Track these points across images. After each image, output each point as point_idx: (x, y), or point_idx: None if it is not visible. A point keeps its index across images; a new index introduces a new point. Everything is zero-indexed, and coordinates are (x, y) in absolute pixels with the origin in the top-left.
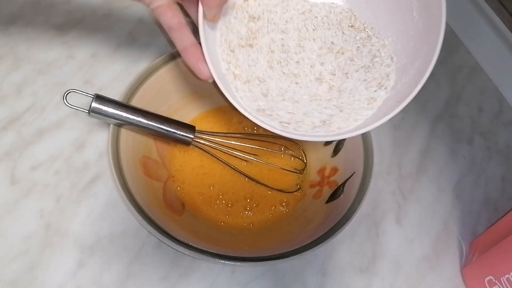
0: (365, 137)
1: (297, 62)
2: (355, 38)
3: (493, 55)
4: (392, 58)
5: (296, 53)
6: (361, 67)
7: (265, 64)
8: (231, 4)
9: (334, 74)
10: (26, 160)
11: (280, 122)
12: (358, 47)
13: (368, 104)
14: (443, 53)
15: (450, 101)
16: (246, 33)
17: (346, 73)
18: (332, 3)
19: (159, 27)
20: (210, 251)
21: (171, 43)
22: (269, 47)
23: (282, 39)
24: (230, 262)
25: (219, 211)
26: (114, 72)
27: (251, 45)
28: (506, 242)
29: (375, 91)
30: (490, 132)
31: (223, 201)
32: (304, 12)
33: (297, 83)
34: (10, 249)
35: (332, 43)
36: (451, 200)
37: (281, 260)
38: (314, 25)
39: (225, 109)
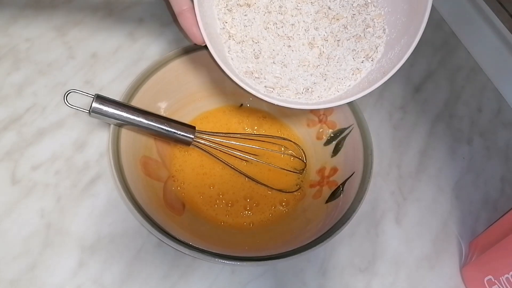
0: (364, 137)
1: (292, 24)
2: (352, 4)
3: (493, 56)
4: (384, 29)
5: (292, 16)
6: (353, 36)
7: (261, 25)
8: None
9: (327, 40)
10: (27, 160)
11: (265, 86)
12: (354, 14)
13: (352, 74)
14: (443, 54)
15: (450, 101)
16: None
17: (338, 40)
18: None
19: (159, 27)
20: (210, 250)
21: (171, 42)
22: (267, 8)
23: (280, 0)
24: (230, 262)
25: (219, 211)
26: (115, 72)
27: (248, 5)
28: (506, 242)
29: (362, 62)
30: (489, 132)
31: (223, 201)
32: None
33: (289, 46)
34: (10, 249)
35: (329, 8)
36: (450, 200)
37: (281, 260)
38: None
39: (225, 109)
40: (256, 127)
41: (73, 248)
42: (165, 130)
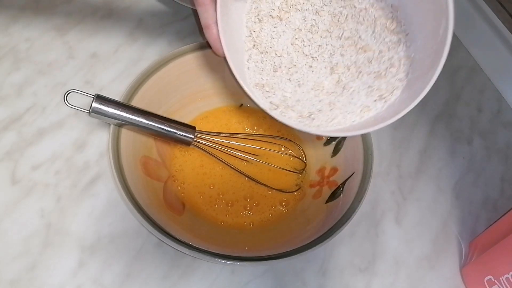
0: (364, 137)
1: (320, 45)
2: (384, 39)
3: (493, 56)
4: (407, 74)
5: (321, 37)
6: (374, 72)
7: (288, 40)
8: None
9: (349, 69)
10: (27, 160)
11: (271, 102)
12: (381, 50)
13: (360, 111)
14: None
15: (450, 101)
16: (280, 5)
17: (359, 72)
18: None
19: (159, 28)
20: (210, 250)
21: (171, 42)
22: (298, 25)
23: (313, 19)
24: (230, 262)
25: (219, 211)
26: (115, 72)
27: (280, 18)
28: (506, 242)
29: (374, 101)
30: (489, 132)
31: (223, 201)
32: (347, 16)
33: (311, 66)
34: (10, 249)
35: (360, 37)
36: (450, 200)
37: (281, 260)
38: (349, 15)
39: (225, 109)
40: (256, 127)
41: (73, 248)
42: (165, 130)
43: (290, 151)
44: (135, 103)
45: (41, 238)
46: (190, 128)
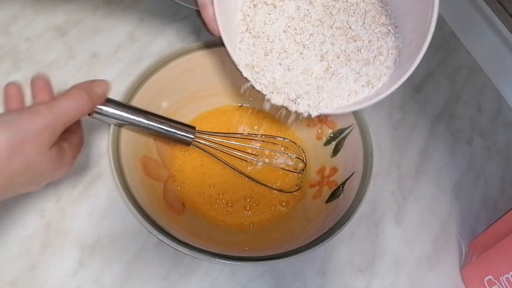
0: (364, 137)
1: (311, 34)
2: (374, 30)
3: (493, 56)
4: (395, 62)
5: (313, 26)
6: (363, 60)
7: (281, 27)
8: None
9: (338, 57)
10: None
11: (260, 83)
12: (371, 40)
13: (348, 95)
14: (443, 54)
15: (450, 101)
16: None
17: (348, 60)
18: None
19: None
20: (210, 250)
21: (171, 42)
22: (292, 13)
23: (307, 9)
24: (230, 262)
25: (219, 211)
26: (115, 72)
27: (275, 6)
28: (506, 242)
29: (362, 86)
30: (489, 132)
31: (223, 201)
32: (339, 9)
33: (301, 53)
34: (10, 248)
35: (350, 27)
36: (450, 200)
37: (281, 260)
38: (341, 8)
39: (225, 109)
40: (256, 127)
41: (73, 248)
42: (165, 130)
43: (290, 151)
44: (135, 103)
45: (41, 238)
46: (190, 128)
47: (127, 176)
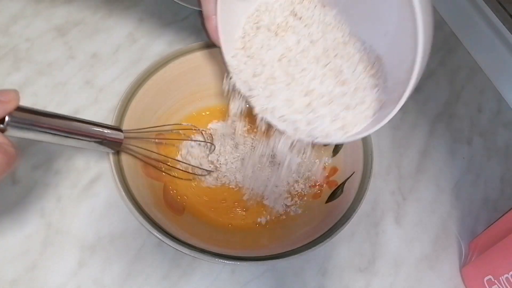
0: (364, 137)
1: (304, 69)
2: (363, 79)
3: (492, 56)
4: (375, 113)
5: (308, 62)
6: (344, 104)
7: (277, 55)
8: None
9: (322, 97)
10: (27, 160)
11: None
12: (357, 88)
13: (320, 133)
14: (443, 54)
15: (450, 101)
16: (280, 23)
17: (331, 101)
18: (370, 46)
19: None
20: (210, 250)
21: (171, 42)
22: (291, 45)
23: (306, 45)
24: (230, 262)
25: (219, 212)
26: (115, 72)
27: (276, 34)
28: (505, 242)
29: (335, 130)
30: (489, 132)
31: (223, 202)
32: (339, 42)
33: (288, 84)
34: (10, 248)
35: (341, 71)
36: (450, 200)
37: (281, 259)
38: (339, 54)
39: (226, 108)
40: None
41: (73, 247)
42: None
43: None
44: (135, 103)
45: (41, 238)
46: (117, 130)
47: (127, 176)
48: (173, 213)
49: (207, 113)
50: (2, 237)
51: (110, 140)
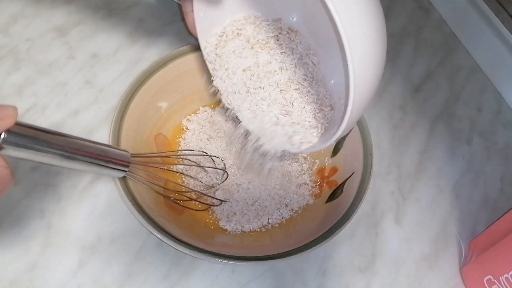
0: (364, 137)
1: (260, 87)
2: (305, 119)
3: (492, 56)
4: (317, 139)
5: (268, 84)
6: (293, 130)
7: (243, 65)
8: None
9: (277, 118)
10: (27, 160)
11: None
12: (296, 123)
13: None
14: (442, 54)
15: (449, 101)
16: (260, 40)
17: (282, 125)
18: (330, 95)
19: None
20: (210, 250)
21: (171, 43)
22: (260, 62)
23: (274, 69)
24: (230, 262)
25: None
26: (115, 72)
27: (252, 47)
28: (505, 242)
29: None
30: (489, 132)
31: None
32: (306, 79)
33: (242, 95)
34: (11, 248)
35: (292, 104)
36: (450, 200)
37: (281, 259)
38: (300, 89)
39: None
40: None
41: (73, 248)
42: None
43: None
44: (135, 103)
45: (41, 238)
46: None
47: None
48: (173, 213)
49: None
50: (3, 237)
51: (117, 163)
